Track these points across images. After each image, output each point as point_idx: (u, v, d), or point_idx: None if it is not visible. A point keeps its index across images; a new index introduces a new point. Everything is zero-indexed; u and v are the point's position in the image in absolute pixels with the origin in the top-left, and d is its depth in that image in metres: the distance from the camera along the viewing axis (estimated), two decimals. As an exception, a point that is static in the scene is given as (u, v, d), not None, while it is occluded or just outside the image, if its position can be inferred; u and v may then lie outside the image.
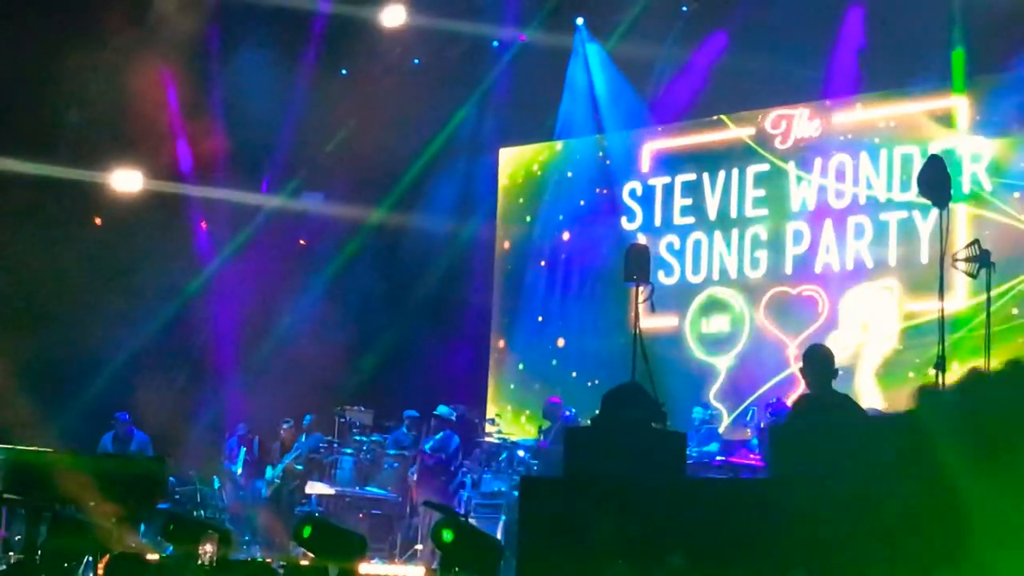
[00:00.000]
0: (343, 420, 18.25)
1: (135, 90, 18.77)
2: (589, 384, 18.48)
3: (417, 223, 20.31)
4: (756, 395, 17.53)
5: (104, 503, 12.04)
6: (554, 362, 19.95)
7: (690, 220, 19.11)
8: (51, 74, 18.02)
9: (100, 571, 7.31)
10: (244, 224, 21.17)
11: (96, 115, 18.83)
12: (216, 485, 19.03)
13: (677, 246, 19.12)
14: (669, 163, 19.43)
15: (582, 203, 20.18)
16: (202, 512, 17.88)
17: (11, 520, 13.80)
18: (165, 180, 20.68)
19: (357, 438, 18.06)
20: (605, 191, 19.90)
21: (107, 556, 7.34)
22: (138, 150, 20.10)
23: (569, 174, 20.44)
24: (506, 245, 20.93)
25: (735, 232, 18.63)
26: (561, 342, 19.99)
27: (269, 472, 18.86)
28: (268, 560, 12.89)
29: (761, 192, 18.45)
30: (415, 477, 17.17)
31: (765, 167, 18.40)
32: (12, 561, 11.68)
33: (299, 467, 18.44)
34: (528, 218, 20.76)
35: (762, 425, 15.35)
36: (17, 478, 12.98)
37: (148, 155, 20.30)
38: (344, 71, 20.76)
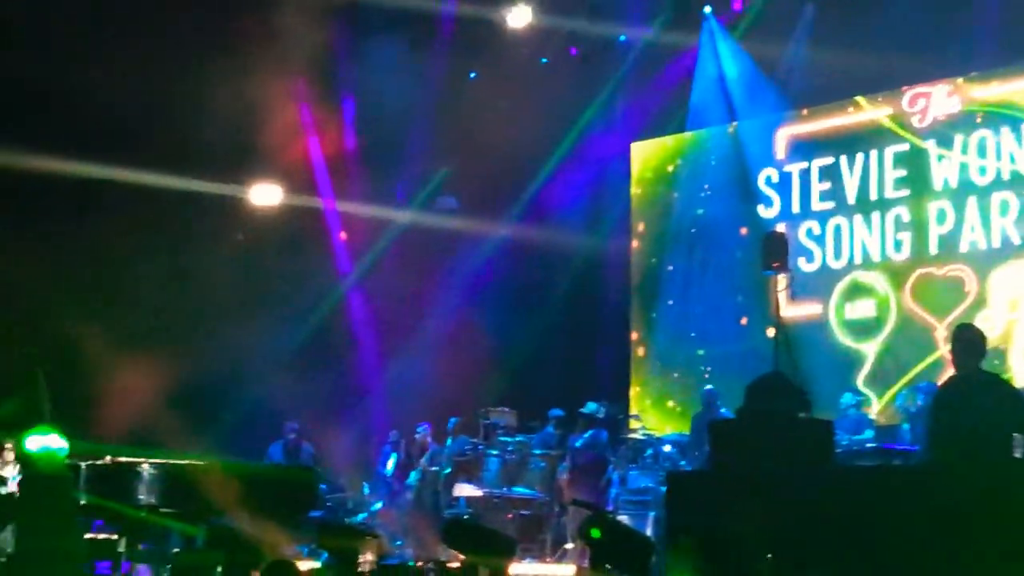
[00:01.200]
0: (487, 422, 18.28)
1: (270, 104, 19.05)
2: (730, 376, 18.31)
3: (551, 222, 20.30)
4: (905, 379, 17.22)
5: (258, 513, 12.24)
6: (692, 351, 19.78)
7: (829, 205, 18.82)
8: (187, 90, 18.35)
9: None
10: (381, 232, 21.36)
11: (234, 130, 19.13)
12: (366, 491, 19.23)
13: (817, 232, 18.86)
14: (805, 148, 19.16)
15: (717, 193, 19.99)
16: (354, 518, 18.09)
17: (168, 532, 14.07)
18: (302, 192, 20.95)
19: (502, 439, 18.08)
20: (740, 180, 19.69)
21: (263, 565, 7.43)
22: (275, 164, 20.40)
23: (702, 164, 20.27)
24: (641, 239, 20.82)
25: (876, 215, 18.32)
26: (699, 334, 19.81)
27: (413, 476, 19.01)
28: (420, 563, 12.99)
29: (901, 172, 18.12)
30: (566, 476, 17.12)
31: (904, 147, 18.07)
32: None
33: (440, 469, 18.53)
34: (662, 211, 20.64)
35: (912, 410, 15.07)
36: (172, 490, 13.28)
37: (285, 168, 20.58)
38: (473, 74, 20.85)
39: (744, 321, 19.09)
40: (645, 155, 21.00)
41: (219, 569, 8.24)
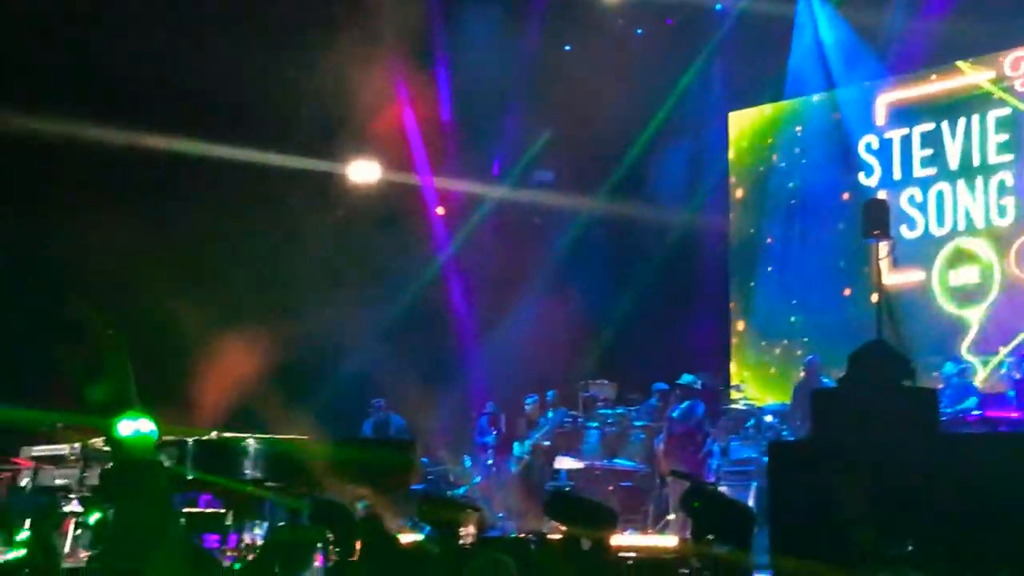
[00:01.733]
0: (587, 395, 18.30)
1: (367, 80, 19.14)
2: (831, 344, 18.15)
3: (648, 192, 20.22)
4: (1011, 346, 16.96)
5: (360, 487, 12.36)
6: (792, 319, 19.62)
7: (931, 171, 18.57)
8: (286, 69, 18.51)
9: (358, 554, 7.48)
10: (478, 206, 21.40)
11: (332, 108, 19.26)
12: (467, 464, 19.33)
13: (919, 199, 18.62)
14: (905, 114, 18.91)
15: (815, 161, 19.79)
16: (455, 491, 18.20)
17: (273, 508, 14.26)
18: (399, 168, 21.04)
19: (602, 411, 18.09)
20: (839, 147, 19.47)
21: (365, 539, 7.51)
22: (373, 140, 20.50)
23: (800, 132, 20.08)
24: (739, 208, 20.68)
25: (979, 180, 18.04)
26: (800, 303, 19.65)
27: (517, 449, 19.06)
28: (521, 535, 13.04)
29: (1004, 137, 17.82)
30: (661, 447, 17.11)
31: (1007, 111, 17.77)
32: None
33: (546, 442, 18.59)
34: (760, 180, 20.47)
35: (1017, 377, 14.85)
36: (276, 467, 13.46)
37: (382, 145, 20.67)
38: (568, 47, 20.79)
39: (847, 292, 18.90)
40: (742, 124, 20.84)
41: (320, 544, 8.33)
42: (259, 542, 12.75)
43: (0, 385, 17.30)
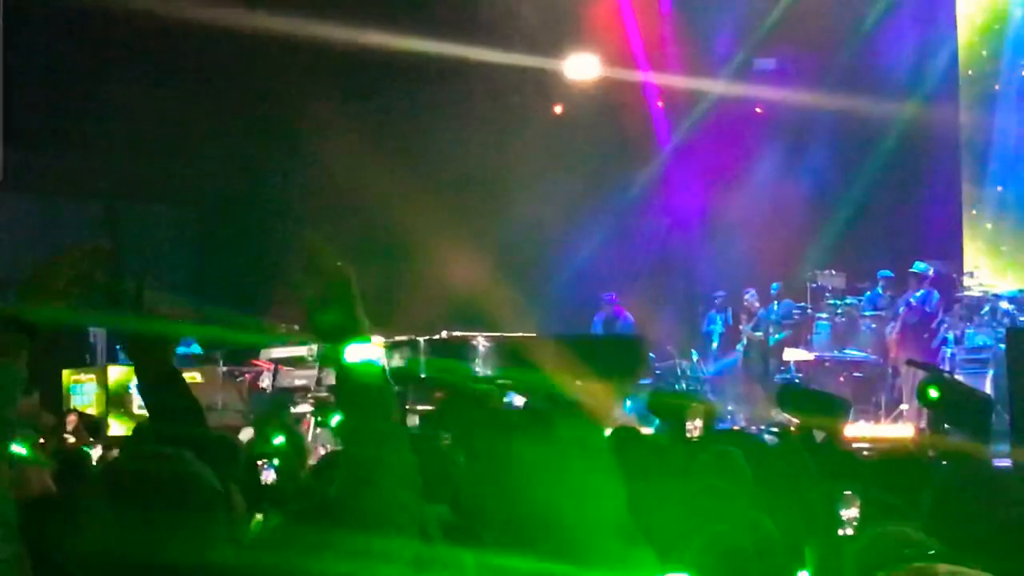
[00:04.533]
0: (815, 285, 18.07)
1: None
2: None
3: (875, 78, 19.64)
4: None
5: (591, 381, 12.49)
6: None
7: None
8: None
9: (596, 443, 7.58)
10: (699, 98, 21.15)
11: (549, 5, 19.19)
12: (695, 358, 19.34)
13: None
14: None
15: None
16: (683, 385, 18.25)
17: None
18: (618, 63, 20.88)
19: (831, 302, 17.85)
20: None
21: (608, 431, 7.58)
22: (591, 34, 20.38)
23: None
24: (972, 90, 19.95)
25: None
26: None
27: (741, 343, 18.99)
28: (752, 428, 13.02)
29: None
30: (895, 335, 16.83)
31: None
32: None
33: (769, 335, 18.45)
34: (992, 64, 19.67)
35: None
36: (506, 362, 13.70)
37: (601, 38, 20.54)
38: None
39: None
40: (972, 9, 20.01)
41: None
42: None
43: (234, 298, 18.04)
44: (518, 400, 13.59)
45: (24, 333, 3.19)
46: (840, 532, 4.01)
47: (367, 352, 3.06)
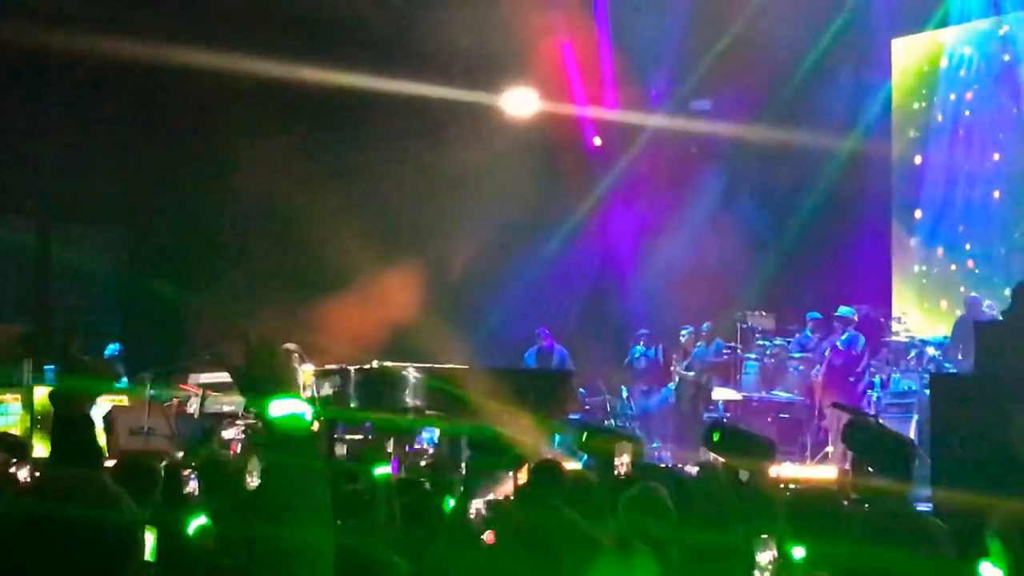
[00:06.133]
0: (744, 326, 18.20)
1: (523, 12, 19.05)
2: (997, 276, 17.79)
3: (810, 120, 19.84)
4: None
5: (519, 416, 12.50)
6: (965, 249, 19.11)
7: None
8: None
9: (520, 481, 7.59)
10: (635, 137, 21.28)
11: (488, 37, 19.25)
12: (624, 394, 19.41)
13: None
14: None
15: (983, 89, 19.24)
16: (612, 421, 18.30)
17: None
18: (556, 99, 20.97)
19: (760, 342, 17.99)
20: (1007, 74, 18.88)
21: (527, 465, 7.59)
22: (529, 70, 20.45)
23: (967, 58, 19.51)
24: (902, 138, 20.21)
25: None
26: (966, 232, 19.18)
27: (671, 385, 19.07)
28: (678, 466, 13.07)
29: None
30: (820, 378, 16.98)
31: None
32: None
33: (691, 374, 18.57)
34: (924, 109, 19.96)
35: None
36: (436, 394, 13.66)
37: (539, 74, 20.62)
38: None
39: (1013, 221, 18.42)
40: (906, 51, 20.31)
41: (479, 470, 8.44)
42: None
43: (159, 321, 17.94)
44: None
45: None
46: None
47: (290, 407, 3.14)
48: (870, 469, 7.30)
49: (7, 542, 2.93)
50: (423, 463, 8.84)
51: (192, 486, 6.53)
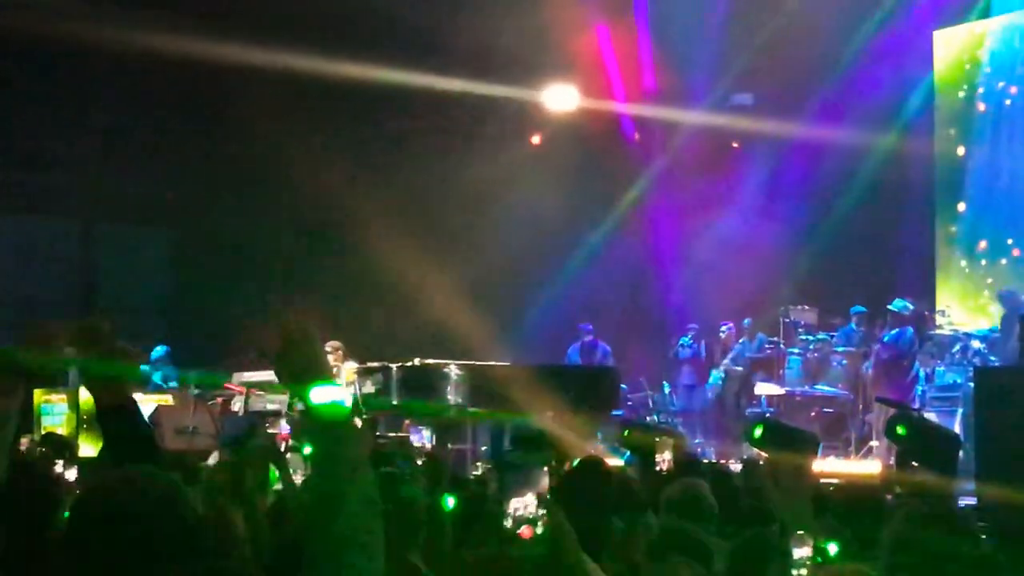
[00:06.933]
0: (787, 320, 18.13)
1: (563, 8, 19.03)
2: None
3: (851, 113, 19.73)
4: None
5: (561, 412, 12.51)
6: (1008, 243, 18.95)
7: None
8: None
9: (561, 478, 7.59)
10: (676, 131, 21.24)
11: (529, 33, 19.24)
12: (666, 390, 19.38)
13: None
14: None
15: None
16: (654, 417, 18.28)
17: (476, 432, 14.52)
18: (597, 95, 20.96)
19: (803, 337, 17.92)
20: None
21: (569, 462, 7.60)
22: (570, 66, 20.43)
23: (1009, 50, 19.35)
24: (946, 127, 20.06)
25: None
26: (1009, 224, 19.01)
27: (714, 376, 19.03)
28: (721, 462, 13.04)
29: None
30: (869, 373, 16.89)
31: None
32: (479, 471, 12.29)
33: (738, 368, 18.53)
34: (967, 99, 19.81)
35: None
36: (478, 391, 13.70)
37: (579, 70, 20.61)
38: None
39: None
40: (948, 44, 20.16)
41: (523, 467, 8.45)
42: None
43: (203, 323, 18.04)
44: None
45: (20, 375, 3.60)
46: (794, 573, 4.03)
47: (331, 394, 3.21)
48: (914, 464, 7.27)
49: (84, 543, 3.00)
50: (419, 461, 8.85)
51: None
